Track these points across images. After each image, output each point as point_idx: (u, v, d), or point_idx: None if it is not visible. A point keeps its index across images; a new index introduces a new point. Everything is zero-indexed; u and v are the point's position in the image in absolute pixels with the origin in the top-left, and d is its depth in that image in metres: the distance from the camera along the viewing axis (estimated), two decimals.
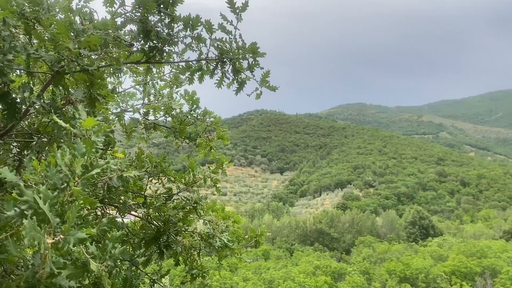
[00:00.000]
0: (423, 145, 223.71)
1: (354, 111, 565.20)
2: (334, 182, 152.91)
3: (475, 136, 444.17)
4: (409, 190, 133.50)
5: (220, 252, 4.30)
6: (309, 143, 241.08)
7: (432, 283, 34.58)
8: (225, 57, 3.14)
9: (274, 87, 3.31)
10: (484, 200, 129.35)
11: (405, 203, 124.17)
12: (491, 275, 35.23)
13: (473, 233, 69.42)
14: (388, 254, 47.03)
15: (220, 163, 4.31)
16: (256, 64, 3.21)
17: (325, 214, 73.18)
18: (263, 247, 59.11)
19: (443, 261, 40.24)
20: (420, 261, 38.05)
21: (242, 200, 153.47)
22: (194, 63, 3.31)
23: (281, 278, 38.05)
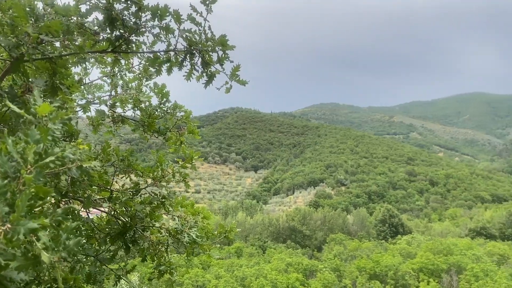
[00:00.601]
0: (394, 145, 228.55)
1: (327, 111, 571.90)
2: (307, 181, 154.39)
3: (444, 137, 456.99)
4: (379, 189, 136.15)
5: (189, 248, 4.23)
6: (283, 141, 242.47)
7: (401, 280, 35.32)
8: (194, 49, 3.08)
9: (244, 81, 3.27)
10: (451, 199, 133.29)
11: (376, 201, 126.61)
12: (457, 271, 36.27)
13: (441, 231, 71.40)
14: (359, 252, 47.80)
15: (189, 158, 4.23)
16: (226, 57, 3.17)
17: (298, 212, 73.76)
18: (236, 245, 59.08)
19: (411, 258, 41.19)
20: (390, 258, 38.79)
21: (216, 197, 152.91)
22: (162, 54, 3.24)
23: (254, 275, 38.11)
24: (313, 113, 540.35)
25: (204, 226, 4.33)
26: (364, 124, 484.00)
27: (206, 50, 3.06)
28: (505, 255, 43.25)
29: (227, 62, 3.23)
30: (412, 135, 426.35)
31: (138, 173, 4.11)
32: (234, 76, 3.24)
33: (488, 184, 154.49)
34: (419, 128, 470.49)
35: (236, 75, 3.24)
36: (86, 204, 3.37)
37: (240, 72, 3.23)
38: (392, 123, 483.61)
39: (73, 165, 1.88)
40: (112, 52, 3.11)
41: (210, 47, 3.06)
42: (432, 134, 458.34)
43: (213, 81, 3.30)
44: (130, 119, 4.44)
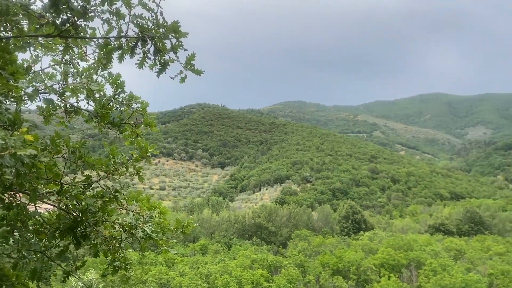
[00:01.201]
0: (358, 143, 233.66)
1: (294, 109, 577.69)
2: (274, 177, 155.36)
3: (405, 136, 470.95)
4: (343, 186, 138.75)
5: (143, 243, 4.11)
6: (251, 138, 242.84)
7: (363, 275, 36.08)
8: (146, 36, 2.98)
9: (199, 71, 3.18)
10: (412, 196, 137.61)
11: (340, 198, 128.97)
12: (416, 267, 37.44)
13: (401, 227, 73.49)
14: (323, 247, 48.50)
15: (144, 151, 4.10)
16: (180, 46, 3.07)
17: (264, 209, 74.08)
18: (201, 242, 58.70)
19: (373, 254, 42.18)
20: (352, 254, 39.52)
21: (181, 194, 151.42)
22: (113, 41, 3.10)
23: (218, 272, 38.00)
24: (281, 110, 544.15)
25: (160, 221, 4.22)
26: (330, 123, 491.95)
27: (158, 37, 2.96)
28: (461, 250, 45.02)
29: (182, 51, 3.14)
30: (375, 133, 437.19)
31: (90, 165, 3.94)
32: (188, 65, 3.16)
33: (447, 182, 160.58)
34: (382, 127, 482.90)
35: (191, 64, 3.15)
36: (32, 198, 3.20)
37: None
38: (356, 122, 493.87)
39: (6, 152, 1.75)
40: (59, 37, 2.96)
41: (162, 34, 2.97)
42: (394, 133, 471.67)
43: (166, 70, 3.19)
44: (83, 110, 4.26)
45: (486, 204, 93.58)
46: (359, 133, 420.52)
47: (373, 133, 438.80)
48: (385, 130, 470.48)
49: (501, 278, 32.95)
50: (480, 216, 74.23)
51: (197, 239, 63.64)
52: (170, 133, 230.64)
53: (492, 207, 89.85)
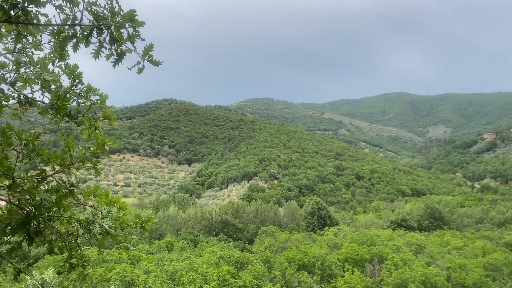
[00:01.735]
0: (324, 141, 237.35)
1: (262, 106, 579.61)
2: (241, 174, 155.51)
3: (370, 133, 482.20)
4: (309, 182, 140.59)
5: (101, 239, 3.99)
6: (218, 135, 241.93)
7: (327, 270, 36.64)
8: (101, 24, 2.88)
9: (158, 61, 3.11)
10: (375, 192, 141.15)
11: (306, 194, 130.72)
12: (379, 261, 38.38)
13: (365, 223, 75.19)
14: (289, 243, 48.94)
15: (101, 144, 3.97)
16: (137, 35, 2.99)
17: (231, 205, 74.02)
18: (166, 239, 58.03)
19: (337, 249, 42.94)
20: (317, 249, 40.05)
21: (146, 191, 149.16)
22: (67, 29, 2.98)
23: (184, 269, 37.70)
24: (249, 107, 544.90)
25: (119, 216, 4.11)
26: (297, 120, 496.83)
27: (115, 26, 2.87)
28: (422, 245, 46.47)
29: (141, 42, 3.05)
30: (341, 131, 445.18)
31: (44, 158, 3.78)
32: (146, 55, 3.08)
33: (409, 179, 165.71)
34: (347, 125, 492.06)
35: (149, 55, 3.08)
36: None
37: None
38: (323, 119, 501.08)
39: None
40: (8, 23, 2.81)
41: (118, 23, 2.87)
42: (359, 131, 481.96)
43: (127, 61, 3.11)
44: (38, 101, 4.08)
45: (446, 200, 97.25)
46: (326, 131, 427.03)
47: (339, 130, 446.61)
48: (350, 128, 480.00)
49: (458, 272, 34.28)
50: (440, 212, 76.92)
51: (162, 236, 62.89)
52: (135, 129, 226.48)
53: (451, 203, 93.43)
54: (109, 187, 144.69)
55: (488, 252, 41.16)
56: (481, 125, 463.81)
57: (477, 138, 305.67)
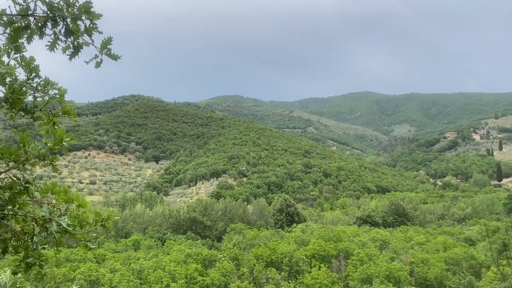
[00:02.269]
0: (293, 138, 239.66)
1: (232, 103, 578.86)
2: (210, 172, 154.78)
3: (337, 132, 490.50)
4: (278, 180, 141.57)
5: (59, 237, 3.86)
6: (187, 132, 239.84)
7: (295, 266, 36.99)
8: (56, 15, 2.77)
9: (116, 55, 3.03)
10: (342, 189, 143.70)
11: (275, 191, 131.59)
12: (345, 257, 39.07)
13: (332, 219, 76.36)
14: (257, 240, 49.13)
15: (59, 140, 3.84)
16: (94, 28, 2.90)
17: (199, 203, 73.53)
18: (133, 237, 57.05)
19: (305, 245, 43.42)
20: (285, 246, 40.35)
21: (113, 189, 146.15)
22: (19, 19, 2.85)
23: (151, 267, 37.18)
24: (218, 104, 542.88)
25: (78, 214, 3.98)
26: (266, 118, 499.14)
27: (71, 17, 2.77)
28: (386, 241, 47.62)
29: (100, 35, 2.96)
30: (309, 129, 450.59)
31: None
32: (104, 49, 2.99)
33: (374, 176, 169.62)
34: (315, 123, 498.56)
35: (108, 49, 2.99)
36: None
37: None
38: (291, 117, 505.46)
39: None
40: None
41: (74, 15, 2.78)
42: (327, 129, 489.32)
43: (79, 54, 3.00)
44: None
45: (409, 197, 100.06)
46: (294, 129, 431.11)
47: (307, 129, 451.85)
48: (318, 126, 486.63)
49: (421, 266, 35.36)
50: (404, 209, 79.08)
51: (129, 235, 61.81)
52: (101, 125, 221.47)
53: (414, 199, 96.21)
54: (74, 184, 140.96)
55: (449, 247, 42.63)
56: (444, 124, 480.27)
57: (439, 137, 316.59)
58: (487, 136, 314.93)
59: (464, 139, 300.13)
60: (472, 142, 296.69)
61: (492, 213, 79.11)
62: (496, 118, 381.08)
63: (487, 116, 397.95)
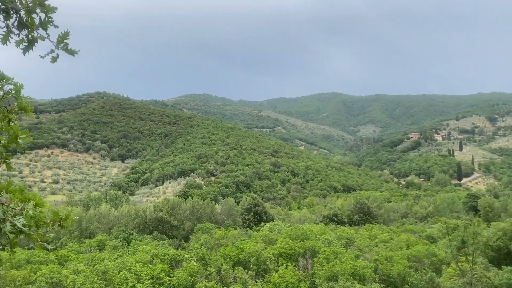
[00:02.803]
0: (262, 138, 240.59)
1: (200, 102, 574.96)
2: (178, 171, 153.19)
3: (305, 132, 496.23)
4: (247, 179, 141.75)
5: (13, 238, 3.71)
6: (154, 130, 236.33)
7: (262, 265, 37.13)
8: (9, 7, 2.65)
9: (73, 51, 2.93)
10: (309, 188, 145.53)
11: (243, 191, 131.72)
12: (311, 255, 39.52)
13: (299, 218, 77.12)
14: (225, 240, 49.02)
15: (13, 137, 3.69)
16: (50, 22, 2.79)
17: (166, 203, 72.60)
18: (98, 238, 55.69)
19: (272, 244, 43.63)
20: (253, 245, 40.42)
21: (76, 188, 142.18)
22: None
23: (116, 268, 36.42)
24: (186, 103, 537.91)
25: (34, 214, 3.83)
26: (235, 117, 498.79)
27: (25, 10, 2.66)
28: (352, 239, 48.52)
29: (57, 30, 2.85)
30: (278, 129, 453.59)
31: None
32: (60, 43, 2.89)
33: (340, 175, 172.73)
34: (284, 123, 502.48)
35: (64, 43, 2.89)
36: None
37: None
38: (260, 117, 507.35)
39: None
40: None
41: (28, 7, 2.66)
42: (295, 129, 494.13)
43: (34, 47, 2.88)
44: None
45: (374, 196, 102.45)
46: (263, 128, 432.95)
47: (276, 128, 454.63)
48: (287, 126, 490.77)
49: (385, 263, 36.22)
50: (369, 207, 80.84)
51: (93, 235, 60.31)
52: (65, 123, 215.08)
53: (378, 198, 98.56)
54: (35, 184, 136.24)
55: (411, 245, 43.86)
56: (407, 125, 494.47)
57: (403, 138, 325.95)
58: (448, 137, 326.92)
59: (427, 140, 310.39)
60: (434, 142, 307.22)
61: (452, 211, 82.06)
62: (457, 119, 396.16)
63: (449, 118, 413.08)
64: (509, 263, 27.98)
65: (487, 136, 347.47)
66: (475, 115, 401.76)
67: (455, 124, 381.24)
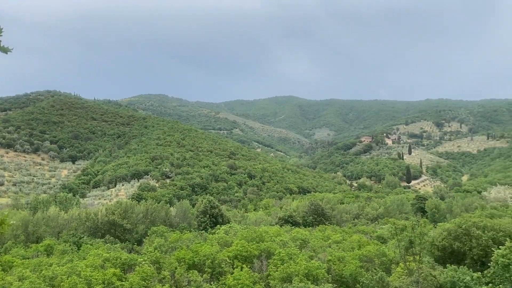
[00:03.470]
0: (219, 140, 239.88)
1: (155, 102, 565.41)
2: (131, 173, 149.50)
3: (262, 134, 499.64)
4: (203, 181, 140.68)
5: None
6: (107, 131, 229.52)
7: (217, 267, 36.98)
8: None
9: (7, 48, 2.86)
10: (265, 190, 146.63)
11: (199, 193, 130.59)
12: (267, 257, 39.79)
13: (255, 220, 77.36)
14: (179, 243, 48.37)
15: None
16: None
17: (119, 205, 70.69)
18: (45, 242, 53.30)
19: (228, 246, 43.56)
20: (208, 247, 40.15)
21: (23, 191, 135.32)
22: None
23: (65, 273, 35.01)
24: (141, 103, 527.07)
25: None
26: (192, 118, 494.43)
27: None
28: (306, 240, 49.27)
29: None
30: (235, 131, 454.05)
31: None
32: None
33: (296, 177, 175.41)
34: (241, 125, 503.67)
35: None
36: None
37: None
38: (218, 119, 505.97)
39: None
40: None
41: None
42: (252, 131, 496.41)
43: None
44: None
45: (327, 198, 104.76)
46: (220, 130, 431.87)
47: (233, 130, 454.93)
48: (244, 128, 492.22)
49: (337, 264, 37.11)
50: (322, 209, 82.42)
51: (41, 240, 57.67)
52: (11, 122, 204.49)
53: (332, 200, 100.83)
54: None
55: (363, 245, 45.11)
56: (360, 129, 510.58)
57: (355, 141, 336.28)
58: (398, 141, 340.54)
59: (378, 144, 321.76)
60: (385, 146, 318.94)
61: (401, 212, 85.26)
62: (406, 124, 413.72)
63: (399, 123, 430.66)
64: (453, 261, 29.48)
65: (434, 141, 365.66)
66: (423, 120, 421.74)
67: (405, 129, 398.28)
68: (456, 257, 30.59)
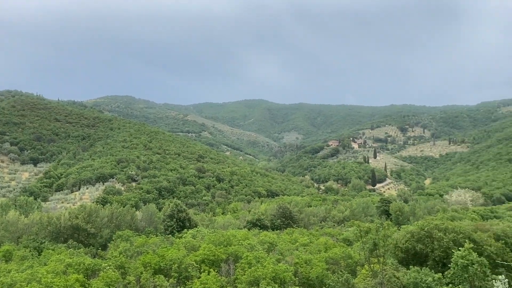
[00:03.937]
0: (187, 143, 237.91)
1: (122, 104, 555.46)
2: (96, 176, 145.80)
3: (231, 137, 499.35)
4: (170, 185, 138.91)
5: None
6: (71, 133, 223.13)
7: (184, 272, 36.58)
8: None
9: None
10: (234, 194, 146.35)
11: (166, 197, 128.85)
12: (234, 260, 39.65)
13: (223, 223, 76.99)
14: (145, 247, 47.54)
15: None
16: None
17: (83, 209, 68.78)
18: (4, 247, 51.21)
19: (195, 250, 43.15)
20: (175, 252, 39.66)
21: None
22: None
23: (25, 280, 33.71)
24: (107, 104, 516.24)
25: None
26: (159, 121, 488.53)
27: None
28: (274, 243, 49.45)
29: None
30: (203, 134, 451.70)
31: None
32: None
33: (265, 181, 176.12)
34: (210, 128, 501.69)
35: None
36: None
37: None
38: (186, 121, 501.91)
39: None
40: None
41: None
42: (221, 134, 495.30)
43: None
44: None
45: (295, 201, 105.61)
46: (188, 133, 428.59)
47: (202, 133, 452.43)
48: (213, 131, 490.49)
49: (304, 266, 37.43)
50: (290, 212, 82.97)
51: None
52: None
53: (300, 203, 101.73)
54: None
55: (329, 248, 45.65)
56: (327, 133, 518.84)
57: (323, 145, 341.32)
58: (364, 145, 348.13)
59: (345, 147, 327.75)
60: (351, 150, 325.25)
61: (367, 215, 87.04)
62: (372, 129, 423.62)
63: (365, 127, 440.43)
64: (416, 263, 30.30)
65: (398, 145, 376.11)
66: (388, 125, 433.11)
67: (370, 133, 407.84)
68: (418, 258, 31.46)
